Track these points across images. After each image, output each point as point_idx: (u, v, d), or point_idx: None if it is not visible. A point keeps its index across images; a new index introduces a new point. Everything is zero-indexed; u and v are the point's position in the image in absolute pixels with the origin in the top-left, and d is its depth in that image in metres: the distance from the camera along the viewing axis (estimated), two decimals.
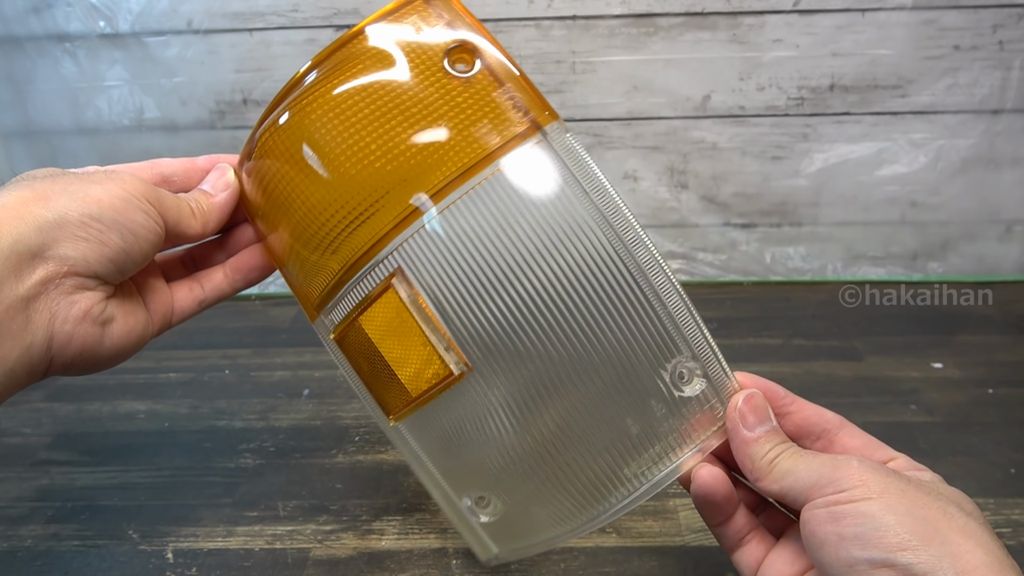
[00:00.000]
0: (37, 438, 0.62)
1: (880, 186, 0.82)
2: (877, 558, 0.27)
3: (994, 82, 0.77)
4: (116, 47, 0.79)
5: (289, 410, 0.64)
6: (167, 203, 0.36)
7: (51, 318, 0.31)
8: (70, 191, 0.32)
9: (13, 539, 0.51)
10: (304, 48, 0.79)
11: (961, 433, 0.57)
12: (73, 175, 0.34)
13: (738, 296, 0.83)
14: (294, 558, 0.48)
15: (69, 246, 0.31)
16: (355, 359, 0.38)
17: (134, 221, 0.33)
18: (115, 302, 0.35)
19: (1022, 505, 0.50)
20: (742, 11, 0.75)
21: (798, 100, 0.79)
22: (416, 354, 0.35)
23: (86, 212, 0.32)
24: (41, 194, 0.31)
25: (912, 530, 0.27)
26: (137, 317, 0.37)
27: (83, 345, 0.33)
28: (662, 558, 0.47)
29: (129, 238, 0.33)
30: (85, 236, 0.32)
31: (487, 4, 0.76)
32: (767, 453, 0.32)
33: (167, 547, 0.49)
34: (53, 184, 0.32)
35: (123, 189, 0.34)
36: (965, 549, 0.26)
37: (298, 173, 0.36)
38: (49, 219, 0.31)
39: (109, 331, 0.34)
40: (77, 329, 0.32)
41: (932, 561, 0.26)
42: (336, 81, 0.35)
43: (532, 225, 0.33)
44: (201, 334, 0.79)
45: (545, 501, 0.36)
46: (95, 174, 0.34)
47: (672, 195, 0.84)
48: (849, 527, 0.28)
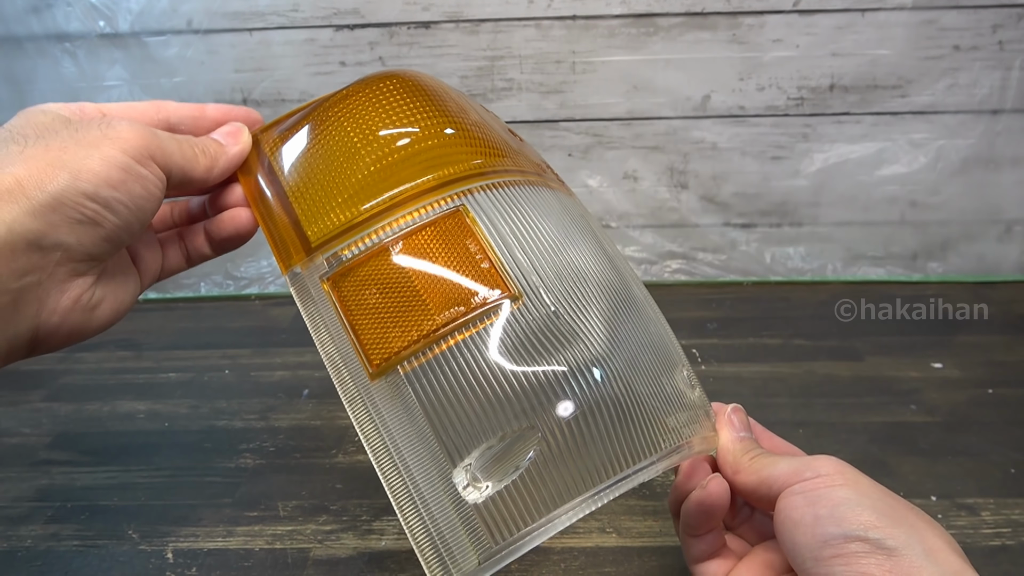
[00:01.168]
0: (37, 438, 0.62)
1: (880, 186, 0.82)
2: (851, 533, 0.28)
3: (994, 82, 0.77)
4: (116, 47, 0.79)
5: (289, 410, 0.64)
6: (170, 149, 0.33)
7: (39, 309, 0.30)
8: (64, 162, 0.30)
9: (13, 539, 0.51)
10: (304, 48, 0.79)
11: (961, 433, 0.57)
12: (68, 137, 0.31)
13: (738, 296, 0.83)
14: (294, 558, 0.48)
15: (65, 231, 0.29)
16: (356, 299, 0.34)
17: (131, 193, 0.31)
18: (104, 281, 0.33)
19: (1022, 505, 0.50)
20: (742, 11, 0.75)
21: (798, 100, 0.79)
22: (468, 278, 0.33)
23: (81, 191, 0.29)
24: (36, 170, 0.29)
25: (884, 512, 0.29)
26: (127, 287, 0.35)
27: (69, 332, 0.32)
28: (662, 558, 0.47)
29: (124, 213, 0.31)
30: (80, 218, 0.30)
31: (487, 4, 0.76)
32: (748, 452, 0.35)
33: (167, 547, 0.49)
34: (46, 153, 0.30)
35: (122, 151, 0.31)
36: (930, 534, 0.28)
37: (365, 126, 0.38)
38: (43, 201, 0.29)
39: (96, 314, 0.33)
40: (65, 319, 0.31)
41: (902, 538, 0.28)
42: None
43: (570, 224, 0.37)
44: (201, 334, 0.79)
45: (570, 453, 0.31)
46: (91, 130, 0.31)
47: (672, 195, 0.84)
48: (824, 507, 0.29)
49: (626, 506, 0.51)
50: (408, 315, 0.33)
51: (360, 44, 0.79)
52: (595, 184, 0.84)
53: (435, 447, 0.31)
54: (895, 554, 0.27)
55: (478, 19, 0.77)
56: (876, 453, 0.54)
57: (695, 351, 0.70)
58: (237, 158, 0.38)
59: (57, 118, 0.32)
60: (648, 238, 0.86)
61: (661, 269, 0.87)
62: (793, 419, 0.59)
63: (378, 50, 0.79)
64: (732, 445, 0.35)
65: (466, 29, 0.77)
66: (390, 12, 0.77)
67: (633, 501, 0.51)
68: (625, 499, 0.52)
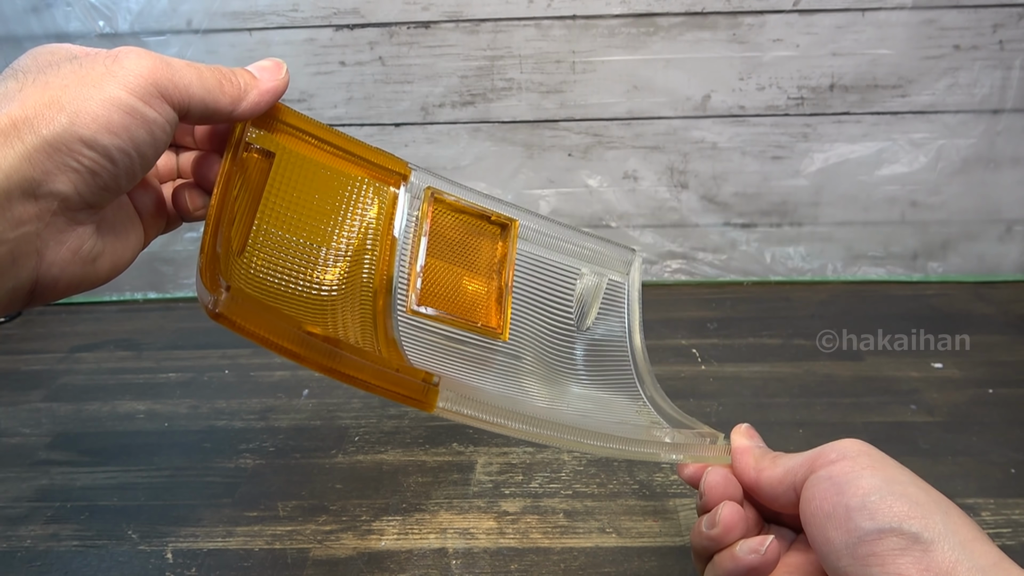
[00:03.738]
0: (36, 438, 0.62)
1: (880, 186, 0.82)
2: (886, 527, 0.27)
3: (994, 82, 0.77)
4: (116, 47, 0.79)
5: (289, 410, 0.64)
6: (185, 80, 0.30)
7: (38, 261, 0.29)
8: (62, 103, 0.27)
9: (12, 539, 0.51)
10: (304, 48, 0.79)
11: (961, 433, 0.57)
12: (69, 72, 0.28)
13: (738, 296, 0.83)
14: (294, 558, 0.48)
15: (61, 179, 0.27)
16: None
17: (135, 139, 0.28)
18: (104, 231, 0.32)
19: (1022, 505, 0.50)
20: (742, 11, 0.75)
21: (798, 100, 0.79)
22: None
23: (77, 136, 0.27)
24: (32, 110, 0.27)
25: (917, 500, 0.28)
26: (128, 240, 0.33)
27: (69, 284, 0.30)
28: (662, 558, 0.47)
29: (125, 160, 0.29)
30: (77, 166, 0.27)
31: (487, 4, 0.76)
32: (764, 455, 0.35)
33: (167, 547, 0.49)
34: (44, 91, 0.28)
35: (127, 90, 0.28)
36: (962, 523, 0.27)
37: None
38: (37, 146, 0.27)
39: (97, 266, 0.31)
40: (64, 271, 0.30)
41: (939, 528, 0.27)
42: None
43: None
44: (201, 334, 0.79)
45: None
46: (96, 65, 0.29)
47: (672, 195, 0.84)
48: (855, 497, 0.28)
49: (626, 506, 0.51)
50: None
51: (360, 44, 0.79)
52: (595, 184, 0.84)
53: None
54: (931, 548, 0.26)
55: (478, 19, 0.77)
56: None
57: (695, 351, 0.70)
58: (271, 93, 0.33)
59: (64, 54, 0.30)
60: (648, 238, 0.86)
61: (661, 269, 0.87)
62: (793, 419, 0.59)
63: (378, 50, 0.79)
64: (752, 451, 0.35)
65: (466, 29, 0.77)
66: (390, 12, 0.77)
67: (633, 501, 0.51)
68: (625, 499, 0.52)
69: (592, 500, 0.52)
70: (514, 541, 0.48)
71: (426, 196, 0.40)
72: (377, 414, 0.62)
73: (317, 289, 0.35)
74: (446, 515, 0.51)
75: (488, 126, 0.82)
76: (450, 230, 0.41)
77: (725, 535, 0.33)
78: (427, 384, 0.32)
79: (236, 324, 0.31)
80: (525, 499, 0.52)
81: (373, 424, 0.61)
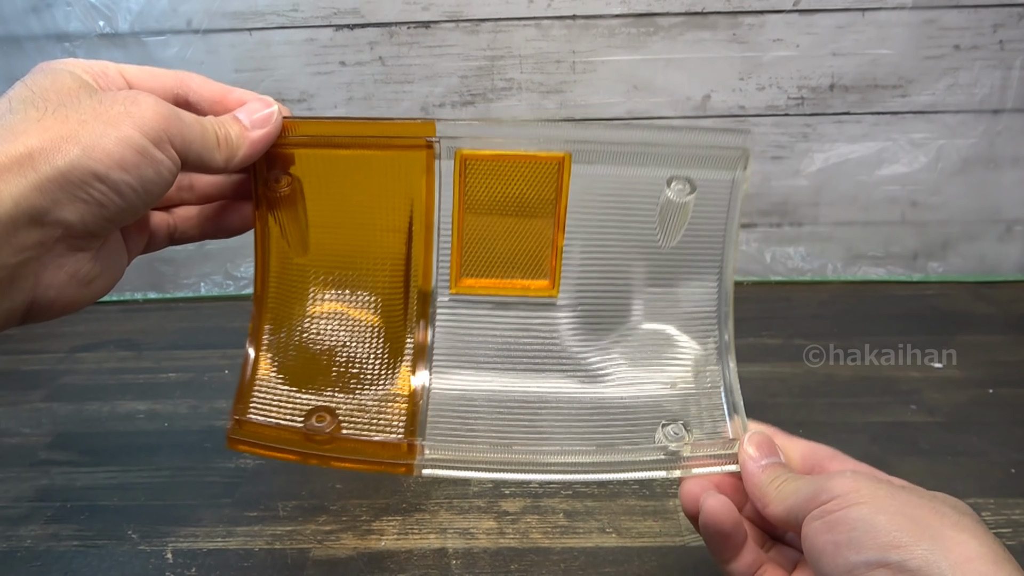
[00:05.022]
0: (37, 438, 0.62)
1: (880, 186, 0.82)
2: (872, 559, 0.27)
3: (994, 82, 0.77)
4: (116, 47, 0.79)
5: None
6: (190, 134, 0.32)
7: (35, 283, 0.29)
8: (79, 138, 0.28)
9: (12, 539, 0.51)
10: (304, 48, 0.79)
11: (961, 433, 0.57)
12: (88, 109, 0.30)
13: (738, 296, 0.82)
14: (294, 558, 0.48)
15: (69, 209, 0.28)
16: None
17: (143, 178, 0.30)
18: (101, 256, 0.32)
19: (1022, 505, 0.50)
20: (742, 11, 0.75)
21: (798, 100, 0.79)
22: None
23: (91, 170, 0.28)
24: (49, 142, 0.28)
25: (902, 528, 0.27)
26: (120, 262, 0.35)
27: (64, 306, 0.31)
28: (662, 558, 0.47)
29: (132, 197, 0.30)
30: (86, 198, 0.29)
31: (487, 4, 0.76)
32: (772, 480, 0.34)
33: (167, 547, 0.49)
34: (63, 125, 0.29)
35: (141, 132, 0.30)
36: (958, 542, 0.27)
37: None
38: (51, 177, 0.28)
39: (92, 288, 0.32)
40: (60, 293, 0.31)
41: (925, 555, 0.26)
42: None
43: None
44: (201, 334, 0.79)
45: None
46: (115, 105, 0.30)
47: None
48: (843, 533, 0.28)
49: (626, 506, 0.51)
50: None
51: (360, 44, 0.79)
52: None
53: None
54: (919, 575, 0.26)
55: (478, 19, 0.77)
56: (876, 453, 0.54)
57: None
58: (260, 143, 0.35)
59: (82, 85, 0.31)
60: None
61: None
62: (793, 419, 0.59)
63: (378, 50, 0.79)
64: (754, 480, 0.35)
65: (466, 29, 0.77)
66: (390, 12, 0.77)
67: (633, 501, 0.51)
68: (625, 499, 0.52)
69: (592, 500, 0.52)
70: (514, 541, 0.48)
71: (456, 161, 0.37)
72: None
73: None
74: (446, 515, 0.51)
75: None
76: (493, 187, 0.38)
77: (688, 506, 0.36)
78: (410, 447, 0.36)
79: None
80: (525, 499, 0.52)
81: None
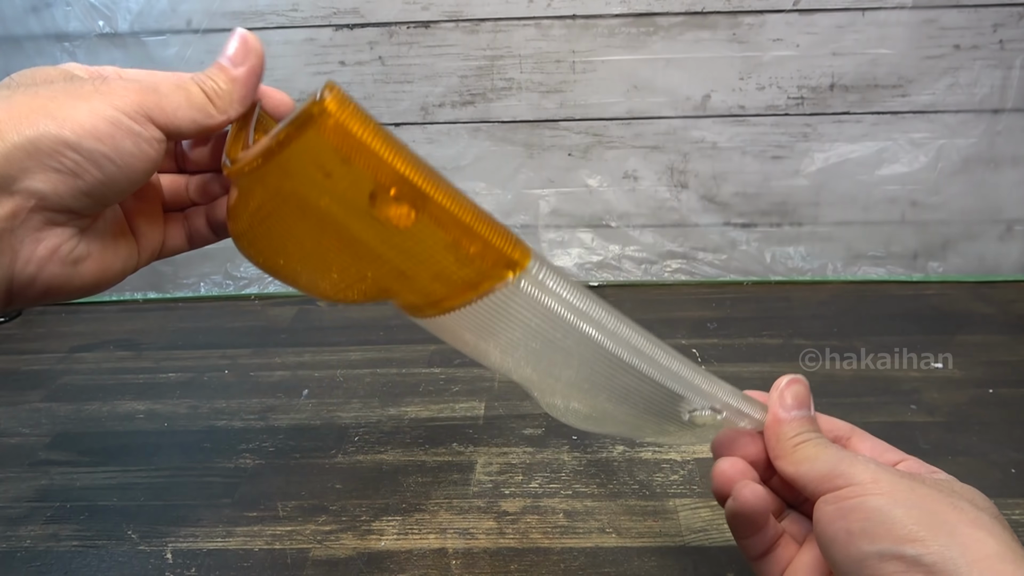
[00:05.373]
0: (36, 438, 0.62)
1: (880, 186, 0.82)
2: (886, 551, 0.27)
3: (994, 81, 0.77)
4: (115, 47, 0.79)
5: (288, 410, 0.64)
6: (171, 107, 0.30)
7: (12, 259, 0.28)
8: (49, 110, 0.28)
9: (12, 539, 0.50)
10: (303, 47, 0.79)
11: (961, 433, 0.57)
12: (60, 88, 0.29)
13: (738, 296, 0.83)
14: (293, 558, 0.48)
15: (39, 178, 0.27)
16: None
17: (119, 149, 0.29)
18: (90, 237, 0.31)
19: (1022, 505, 0.50)
20: (742, 10, 0.75)
21: (798, 99, 0.79)
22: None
23: (61, 139, 0.27)
24: (17, 114, 0.27)
25: (920, 522, 0.27)
26: (118, 252, 0.33)
27: (48, 285, 0.30)
28: (662, 558, 0.47)
29: (111, 168, 0.29)
30: (58, 166, 0.28)
31: (487, 3, 0.76)
32: (794, 436, 0.32)
33: (166, 547, 0.49)
34: (32, 100, 0.28)
35: (112, 106, 0.29)
36: (975, 539, 0.26)
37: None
38: (19, 144, 0.27)
39: (80, 269, 0.31)
40: (42, 270, 0.29)
41: (941, 551, 0.26)
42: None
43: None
44: (201, 334, 0.79)
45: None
46: (84, 85, 0.29)
47: (672, 195, 0.84)
48: (856, 522, 0.28)
49: (626, 506, 0.51)
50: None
51: (360, 44, 0.79)
52: (595, 184, 0.84)
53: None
54: (934, 570, 0.25)
55: (478, 18, 0.77)
56: None
57: (695, 351, 0.70)
58: (250, 77, 0.32)
59: (62, 72, 0.30)
60: (648, 238, 0.86)
61: (661, 269, 0.87)
62: None
63: (378, 50, 0.79)
64: (777, 427, 0.33)
65: (466, 28, 0.77)
66: (390, 11, 0.77)
67: (633, 501, 0.51)
68: (625, 499, 0.51)
69: (592, 500, 0.52)
70: (514, 541, 0.48)
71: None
72: (377, 414, 0.62)
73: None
74: (446, 515, 0.51)
75: (488, 126, 0.82)
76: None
77: (721, 486, 0.34)
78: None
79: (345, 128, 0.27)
80: (525, 499, 0.52)
81: (373, 424, 0.61)
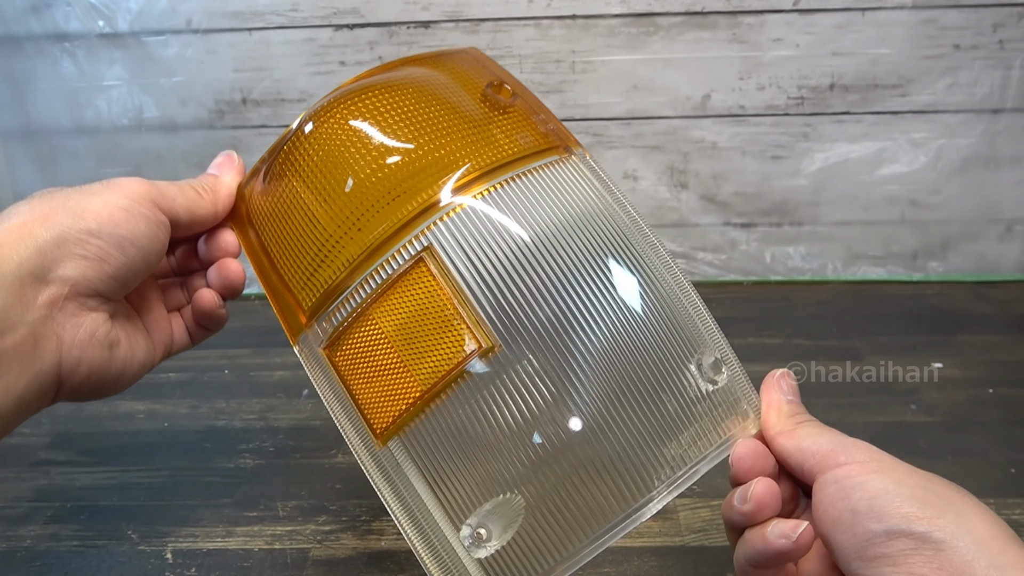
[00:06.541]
0: (36, 438, 0.62)
1: (880, 185, 0.82)
2: (894, 529, 0.27)
3: (994, 81, 0.77)
4: (115, 47, 0.79)
5: (288, 410, 0.64)
6: (171, 195, 0.35)
7: (59, 343, 0.31)
8: (68, 207, 0.32)
9: (12, 539, 0.51)
10: (303, 47, 0.79)
11: (961, 433, 0.57)
12: (73, 189, 0.34)
13: (738, 296, 0.83)
14: (293, 558, 0.48)
15: (69, 266, 0.31)
16: (350, 366, 0.35)
17: (135, 231, 0.33)
18: (118, 324, 0.35)
19: (1022, 505, 0.50)
20: (742, 10, 0.75)
21: (798, 99, 0.79)
22: (442, 336, 0.33)
23: (83, 228, 0.32)
24: (40, 215, 0.31)
25: (926, 500, 0.27)
26: (139, 341, 0.37)
27: (91, 368, 0.33)
28: (662, 558, 0.47)
29: (131, 250, 0.33)
30: (84, 253, 0.31)
31: (487, 3, 0.76)
32: (796, 414, 0.34)
33: (166, 547, 0.49)
34: (52, 202, 0.32)
35: (123, 196, 0.33)
36: (981, 519, 0.27)
37: (327, 170, 0.35)
38: (48, 239, 0.31)
39: (115, 354, 0.34)
40: (85, 353, 0.32)
41: (949, 528, 0.26)
42: (377, 90, 0.37)
43: (562, 212, 0.35)
44: None
45: (577, 491, 0.32)
46: (94, 185, 0.34)
47: (672, 195, 0.84)
48: (862, 501, 0.28)
49: None
50: (397, 380, 0.33)
51: (360, 44, 0.79)
52: None
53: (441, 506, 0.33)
54: (943, 547, 0.26)
55: (478, 18, 0.77)
56: None
57: None
58: (235, 183, 0.39)
59: (64, 188, 0.34)
60: None
61: None
62: None
63: (378, 49, 0.79)
64: (779, 406, 0.34)
65: (466, 28, 0.77)
66: (390, 11, 0.77)
67: None
68: None
69: None
70: None
71: (323, 349, 0.36)
72: None
73: None
74: None
75: None
76: (362, 345, 0.36)
77: (757, 513, 0.32)
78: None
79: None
80: None
81: None
